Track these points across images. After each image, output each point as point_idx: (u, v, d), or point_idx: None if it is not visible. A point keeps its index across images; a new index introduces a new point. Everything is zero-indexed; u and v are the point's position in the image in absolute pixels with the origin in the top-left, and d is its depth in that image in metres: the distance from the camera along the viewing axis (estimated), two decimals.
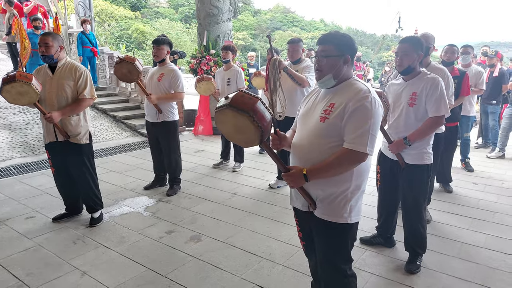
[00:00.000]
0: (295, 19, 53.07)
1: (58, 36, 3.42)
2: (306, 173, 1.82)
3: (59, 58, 3.38)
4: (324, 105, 1.88)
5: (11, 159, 5.56)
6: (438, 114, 2.66)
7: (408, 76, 2.75)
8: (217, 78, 5.49)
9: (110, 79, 9.56)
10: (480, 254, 3.08)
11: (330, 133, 1.83)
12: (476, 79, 5.21)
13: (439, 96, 2.64)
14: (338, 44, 1.88)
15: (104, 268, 2.90)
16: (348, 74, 1.91)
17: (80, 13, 10.58)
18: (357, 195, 1.92)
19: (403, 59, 2.66)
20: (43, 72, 3.42)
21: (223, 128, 1.82)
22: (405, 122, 2.74)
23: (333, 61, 1.86)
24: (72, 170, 3.58)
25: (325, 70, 1.87)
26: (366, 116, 1.75)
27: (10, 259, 3.02)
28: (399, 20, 18.98)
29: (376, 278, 2.76)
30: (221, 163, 5.66)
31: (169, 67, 4.31)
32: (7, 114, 6.94)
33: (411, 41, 2.69)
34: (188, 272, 2.85)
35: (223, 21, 7.80)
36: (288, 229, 3.52)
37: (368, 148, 1.75)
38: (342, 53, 1.86)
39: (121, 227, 3.60)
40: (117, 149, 6.49)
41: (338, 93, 1.87)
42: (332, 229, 1.92)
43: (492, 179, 4.96)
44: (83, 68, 3.48)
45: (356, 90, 1.81)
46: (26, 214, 3.87)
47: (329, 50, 1.87)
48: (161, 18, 38.12)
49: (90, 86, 3.48)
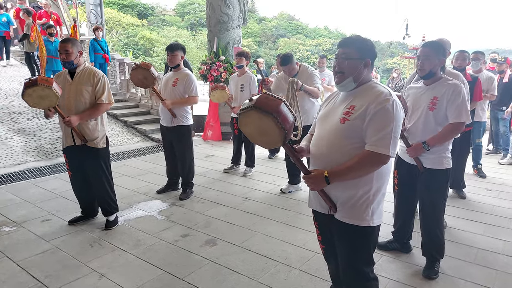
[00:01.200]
0: (299, 26, 53.28)
1: (76, 42, 3.50)
2: (328, 176, 1.83)
3: (78, 63, 3.45)
4: (344, 107, 1.90)
5: (25, 163, 5.63)
6: (459, 121, 2.66)
7: (429, 81, 2.76)
8: (231, 83, 5.55)
9: (120, 85, 9.66)
10: (498, 260, 3.06)
11: (351, 134, 1.84)
12: (487, 84, 5.21)
13: (461, 103, 2.64)
14: (359, 47, 1.89)
15: (121, 271, 2.92)
16: (367, 78, 1.93)
17: (92, 21, 10.73)
18: (379, 197, 1.92)
19: (424, 63, 2.67)
20: (62, 78, 3.48)
21: (246, 130, 1.84)
22: (424, 125, 2.74)
23: (353, 64, 1.87)
24: (89, 173, 3.62)
25: (346, 73, 1.88)
26: (388, 118, 1.77)
27: (28, 261, 3.05)
28: (406, 27, 19.03)
29: (394, 283, 2.75)
30: (232, 167, 5.68)
31: (183, 72, 4.36)
32: (21, 119, 7.02)
33: (433, 46, 2.70)
34: (205, 276, 2.86)
35: (233, 28, 7.89)
36: (303, 233, 3.52)
37: (390, 150, 1.76)
38: (363, 56, 1.88)
39: (136, 230, 3.63)
40: (129, 154, 6.55)
41: (358, 95, 1.88)
42: (355, 232, 1.91)
43: (506, 186, 4.93)
44: (101, 73, 3.53)
45: (378, 93, 1.82)
46: (42, 217, 3.91)
47: (350, 52, 1.89)
48: (167, 25, 38.51)
49: (108, 91, 3.54)
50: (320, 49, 39.62)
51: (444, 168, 2.75)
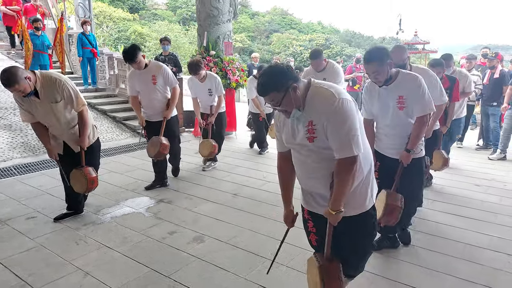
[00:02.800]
0: (293, 21, 53.20)
1: (17, 72, 3.03)
2: (335, 211, 1.85)
3: (35, 85, 3.18)
4: (302, 125, 1.85)
5: (11, 160, 5.53)
6: (425, 113, 2.71)
7: (389, 82, 2.73)
8: (196, 89, 5.27)
9: (109, 80, 9.53)
10: (484, 255, 3.07)
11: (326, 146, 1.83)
12: (463, 82, 5.04)
13: (421, 95, 2.68)
14: (277, 85, 1.78)
15: (106, 269, 2.88)
16: (304, 88, 1.84)
17: (80, 14, 10.55)
18: (370, 177, 1.99)
19: (377, 77, 2.63)
20: (28, 100, 3.24)
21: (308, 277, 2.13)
22: (399, 124, 2.81)
23: (288, 99, 1.79)
24: None
25: (289, 109, 1.82)
26: (341, 120, 1.75)
27: (11, 259, 3.00)
28: (400, 22, 19.06)
29: (381, 279, 2.74)
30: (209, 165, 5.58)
31: (154, 66, 4.34)
32: (7, 115, 6.90)
33: (376, 58, 2.57)
34: (192, 273, 2.83)
35: (223, 22, 7.79)
36: (291, 230, 3.49)
37: (354, 150, 1.77)
38: (286, 85, 1.77)
39: (123, 227, 3.58)
40: (117, 150, 6.47)
41: (307, 108, 1.83)
42: (360, 220, 1.99)
43: (495, 181, 4.96)
44: (58, 79, 3.28)
45: (323, 100, 1.78)
46: (27, 214, 3.84)
47: (276, 95, 1.79)
48: (159, 20, 38.15)
49: (76, 96, 3.37)
50: (313, 44, 39.48)
51: (418, 157, 2.86)
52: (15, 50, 10.27)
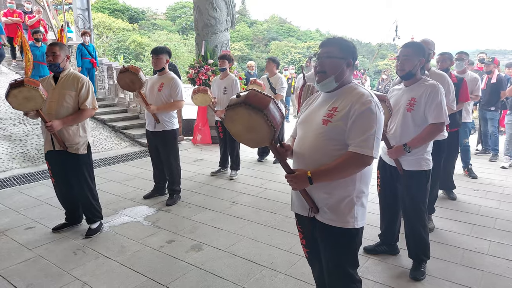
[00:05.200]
0: (291, 29, 53.44)
1: (64, 46, 3.48)
2: (311, 176, 1.81)
3: (64, 67, 3.42)
4: (326, 109, 1.88)
5: (11, 170, 5.53)
6: (439, 121, 2.66)
7: (409, 82, 2.76)
8: (214, 86, 5.53)
9: (109, 90, 9.58)
10: (483, 260, 3.06)
11: (334, 136, 1.82)
12: (472, 85, 5.20)
13: (439, 103, 2.64)
14: (342, 47, 1.89)
15: (104, 278, 2.87)
16: (349, 79, 1.92)
17: (80, 25, 10.64)
18: (362, 199, 1.91)
19: (404, 63, 2.67)
20: (46, 82, 3.43)
21: (232, 127, 1.80)
22: (402, 127, 2.74)
23: (335, 63, 1.86)
24: (70, 180, 3.56)
25: (328, 71, 1.86)
26: (371, 120, 1.76)
27: (10, 269, 2.99)
28: (396, 29, 19.16)
29: (380, 286, 2.73)
30: (219, 171, 5.65)
31: (168, 76, 4.32)
32: (7, 125, 6.92)
33: (413, 46, 2.71)
34: (190, 282, 2.82)
35: (220, 31, 7.86)
36: (290, 237, 3.50)
37: (374, 152, 1.76)
38: (345, 55, 1.87)
39: (121, 236, 3.57)
40: (116, 159, 6.48)
41: (340, 97, 1.87)
42: (339, 234, 1.90)
43: (493, 186, 4.96)
44: (85, 78, 3.49)
45: (359, 95, 1.81)
46: (26, 224, 3.84)
47: (333, 51, 1.88)
48: (158, 29, 38.38)
49: (92, 97, 3.49)
50: (311, 52, 39.70)
51: (423, 170, 2.75)
52: (16, 61, 10.35)
